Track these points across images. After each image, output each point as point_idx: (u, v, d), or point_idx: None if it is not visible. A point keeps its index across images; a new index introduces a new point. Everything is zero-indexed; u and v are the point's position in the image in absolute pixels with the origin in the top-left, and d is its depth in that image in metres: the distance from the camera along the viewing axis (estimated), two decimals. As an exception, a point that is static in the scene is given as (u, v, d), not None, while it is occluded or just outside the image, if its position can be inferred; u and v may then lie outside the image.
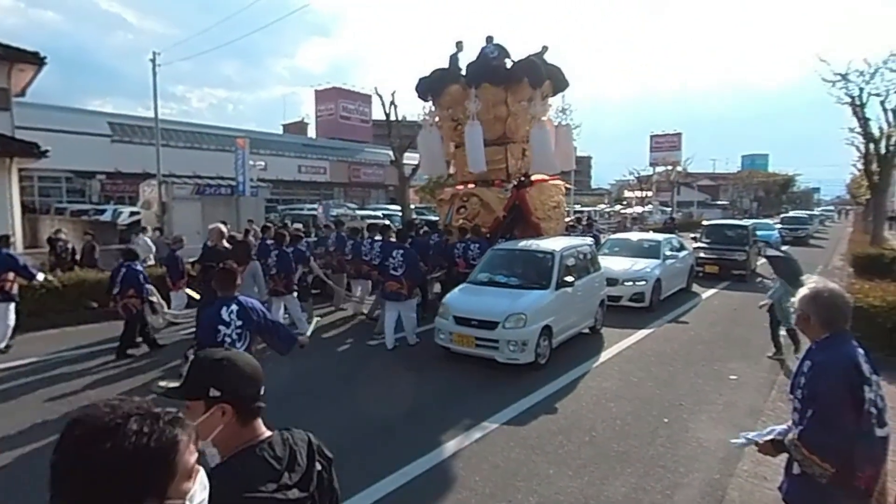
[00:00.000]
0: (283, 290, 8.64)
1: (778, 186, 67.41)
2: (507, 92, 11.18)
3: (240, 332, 3.89)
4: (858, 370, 2.28)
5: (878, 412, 2.27)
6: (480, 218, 10.89)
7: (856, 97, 16.87)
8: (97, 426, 0.93)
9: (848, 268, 14.84)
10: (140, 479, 0.92)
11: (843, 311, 2.38)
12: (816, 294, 2.40)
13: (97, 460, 0.90)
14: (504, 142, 11.48)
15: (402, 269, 8.18)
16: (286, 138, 46.23)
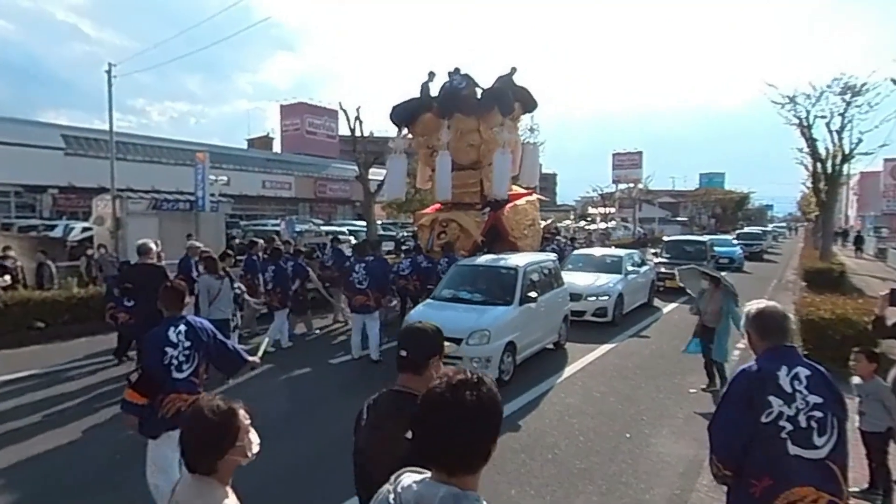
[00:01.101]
0: (277, 304, 8.94)
1: (734, 204, 69.88)
2: (479, 120, 11.51)
3: (188, 354, 3.70)
4: (764, 382, 2.28)
5: (797, 429, 2.21)
6: (460, 242, 11.15)
7: (803, 119, 17.71)
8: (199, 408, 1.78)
9: (800, 281, 15.40)
10: (224, 436, 1.74)
11: (776, 327, 2.41)
12: (755, 313, 2.47)
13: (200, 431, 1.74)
14: (478, 166, 11.78)
15: (367, 281, 8.27)
16: (250, 153, 45.54)
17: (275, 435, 5.66)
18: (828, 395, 2.25)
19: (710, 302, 6.99)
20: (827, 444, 2.21)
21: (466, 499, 1.21)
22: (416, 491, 1.26)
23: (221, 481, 1.75)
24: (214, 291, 7.21)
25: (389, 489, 1.32)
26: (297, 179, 43.30)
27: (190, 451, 1.73)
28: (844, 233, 40.88)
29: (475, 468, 1.27)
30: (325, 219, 39.25)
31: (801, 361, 2.36)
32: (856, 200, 51.49)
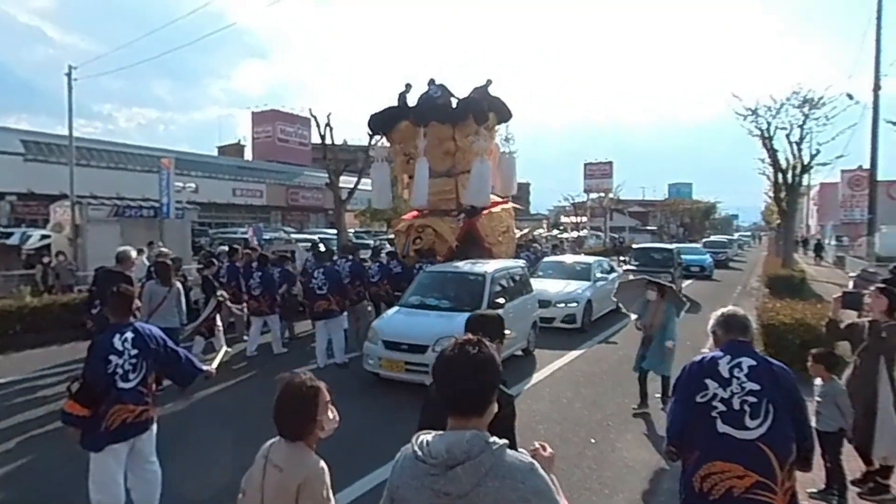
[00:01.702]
0: (266, 309, 9.03)
1: (701, 213, 71.58)
2: (454, 128, 11.79)
3: (135, 363, 3.54)
4: (704, 367, 2.54)
5: (729, 411, 2.40)
6: (436, 247, 11.29)
7: (765, 130, 18.20)
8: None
9: (763, 288, 15.77)
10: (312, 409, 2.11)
11: (738, 325, 2.65)
12: (721, 315, 2.74)
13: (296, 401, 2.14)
14: (453, 173, 12.03)
15: (326, 286, 8.31)
16: (220, 160, 44.79)
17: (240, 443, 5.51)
18: (767, 384, 2.41)
19: (655, 314, 6.59)
20: (759, 428, 2.36)
21: (483, 437, 1.53)
22: (443, 439, 1.55)
23: (308, 445, 2.10)
24: (158, 299, 6.94)
25: (412, 447, 1.62)
26: (269, 187, 42.72)
27: (283, 419, 2.09)
28: (805, 241, 42.23)
29: (481, 411, 1.58)
30: (297, 227, 38.75)
31: (750, 353, 2.53)
32: (816, 210, 53.26)
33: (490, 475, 1.48)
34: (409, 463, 1.60)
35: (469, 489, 1.47)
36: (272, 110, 52.63)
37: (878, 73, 17.28)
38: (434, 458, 1.53)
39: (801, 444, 2.43)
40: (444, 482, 1.50)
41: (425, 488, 1.54)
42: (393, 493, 1.65)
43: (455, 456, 1.49)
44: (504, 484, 1.48)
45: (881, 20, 17.38)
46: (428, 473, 1.53)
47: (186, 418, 6.31)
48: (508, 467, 1.51)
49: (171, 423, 5.95)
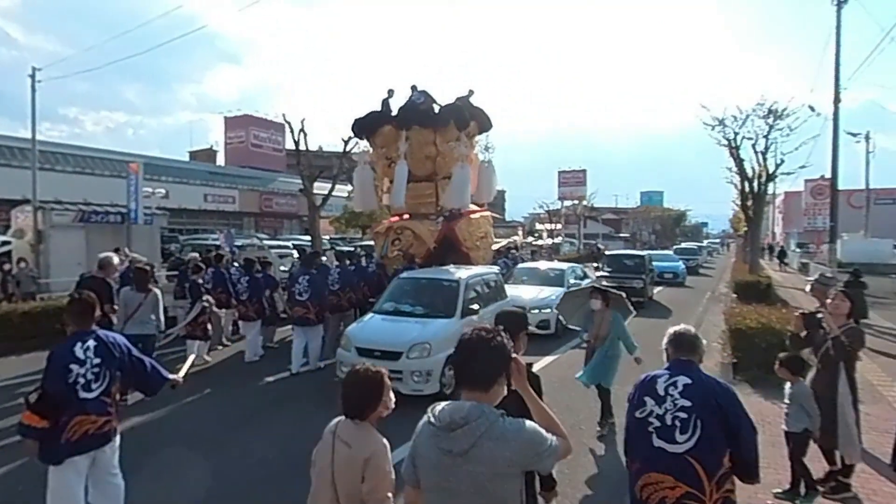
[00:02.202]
0: (253, 315, 9.15)
1: (672, 221, 73.22)
2: (435, 133, 12.09)
3: (97, 372, 3.43)
4: (646, 385, 2.73)
5: (663, 426, 2.58)
6: (414, 249, 11.48)
7: (731, 140, 18.71)
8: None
9: (731, 293, 16.16)
10: (378, 392, 2.44)
11: (683, 343, 2.79)
12: (672, 334, 2.87)
13: None
14: (433, 178, 12.32)
15: (308, 293, 8.40)
16: (192, 165, 43.94)
17: (215, 448, 5.39)
18: (698, 401, 2.55)
19: (601, 324, 6.21)
20: (687, 442, 2.53)
21: (482, 408, 1.85)
22: (449, 407, 1.92)
23: (371, 424, 2.40)
24: (133, 306, 6.81)
25: (428, 415, 1.97)
26: (242, 193, 42.04)
27: (352, 402, 2.41)
28: (770, 248, 43.48)
29: (486, 388, 1.90)
30: (270, 233, 38.24)
31: (688, 372, 2.66)
32: (781, 218, 54.91)
33: (485, 437, 1.81)
34: (424, 427, 1.98)
35: (467, 448, 1.81)
36: (245, 115, 51.99)
37: (838, 87, 17.95)
38: (440, 422, 1.89)
39: (737, 457, 2.54)
40: (447, 442, 1.85)
41: (434, 447, 1.90)
42: (414, 452, 2.02)
43: (456, 421, 1.85)
44: (497, 444, 1.81)
45: (840, 36, 18.09)
46: (436, 434, 1.90)
47: (153, 429, 6.15)
48: (501, 430, 1.83)
49: (136, 434, 5.79)
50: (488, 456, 1.81)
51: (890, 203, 42.44)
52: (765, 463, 5.06)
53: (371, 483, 2.27)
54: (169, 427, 6.25)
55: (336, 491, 2.33)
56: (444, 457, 1.86)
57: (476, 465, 1.83)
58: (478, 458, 1.81)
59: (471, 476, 1.85)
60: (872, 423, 5.53)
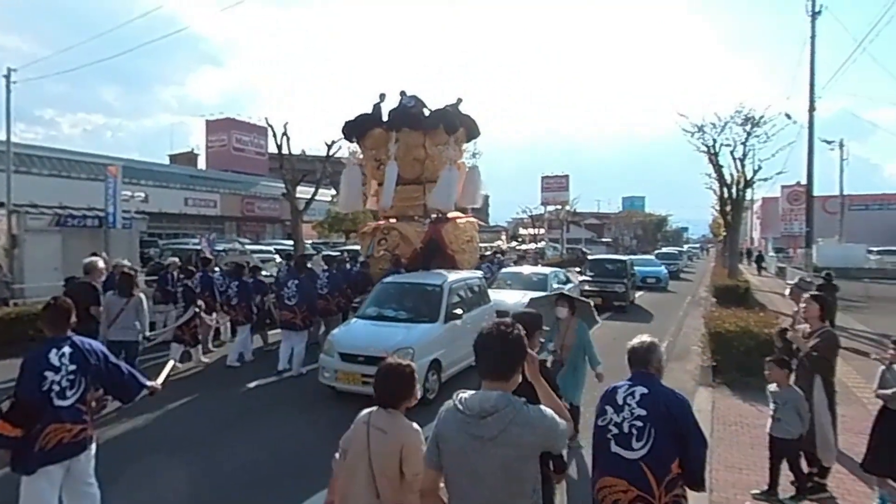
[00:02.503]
0: (242, 319, 9.17)
1: (653, 226, 74.07)
2: (425, 136, 12.15)
3: (72, 379, 3.36)
4: (608, 394, 2.86)
5: (620, 433, 2.73)
6: (400, 249, 11.55)
7: (710, 147, 19.02)
8: None
9: (711, 298, 16.40)
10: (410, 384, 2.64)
11: (637, 358, 2.90)
12: (629, 348, 2.96)
13: None
14: (422, 181, 12.41)
15: (296, 298, 8.50)
16: (172, 169, 43.39)
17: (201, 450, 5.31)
18: (653, 411, 2.69)
19: (566, 333, 5.80)
20: (642, 449, 2.67)
21: (508, 397, 2.06)
22: (475, 397, 2.10)
23: (401, 413, 2.59)
24: (115, 311, 6.76)
25: (454, 402, 2.15)
26: (224, 197, 41.59)
27: (386, 393, 2.59)
28: (748, 252, 44.24)
29: (507, 377, 2.12)
30: (252, 238, 37.86)
31: (646, 383, 2.81)
32: (759, 223, 55.94)
33: (513, 423, 2.02)
34: (450, 415, 2.15)
35: (497, 433, 2.02)
36: (227, 119, 51.50)
37: (813, 96, 18.41)
38: (470, 410, 2.07)
39: (685, 464, 2.68)
40: (478, 428, 2.04)
41: (463, 432, 2.07)
42: (438, 437, 2.17)
43: (486, 409, 2.04)
44: (524, 430, 2.03)
45: (815, 47, 18.56)
46: (465, 421, 2.07)
47: (132, 435, 6.04)
48: (527, 417, 2.05)
49: (116, 441, 5.69)
50: (516, 440, 2.02)
51: (863, 209, 43.51)
52: (743, 464, 5.17)
53: (414, 467, 2.42)
54: (147, 433, 6.14)
55: (373, 474, 2.49)
56: (473, 441, 2.05)
57: (504, 449, 2.03)
58: (506, 442, 2.02)
59: (499, 458, 2.04)
60: (847, 425, 5.64)
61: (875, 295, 19.95)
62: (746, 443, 5.68)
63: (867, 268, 30.21)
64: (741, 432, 6.03)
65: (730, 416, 6.54)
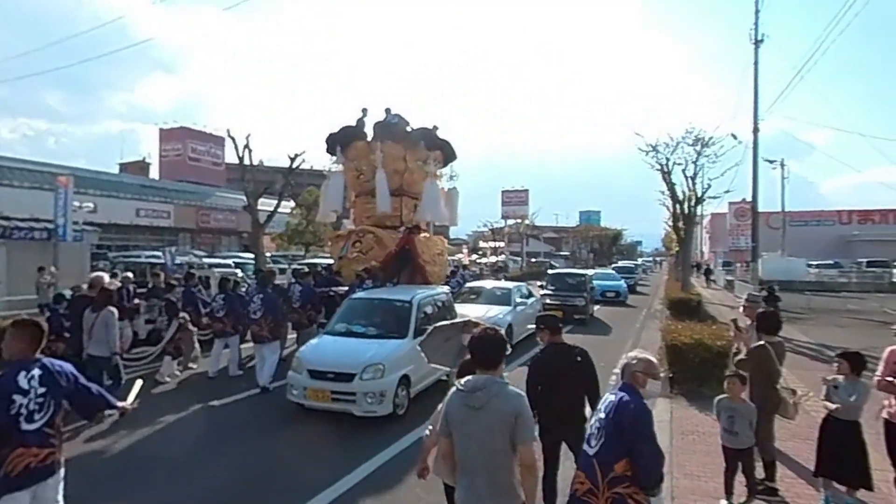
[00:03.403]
0: (230, 330, 9.26)
1: (609, 239, 76.08)
2: (406, 150, 13.09)
3: (41, 402, 3.26)
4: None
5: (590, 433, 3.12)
6: (374, 252, 12.19)
7: (664, 165, 19.85)
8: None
9: (666, 310, 17.02)
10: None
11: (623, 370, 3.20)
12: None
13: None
14: (400, 193, 13.18)
15: (261, 312, 8.62)
16: (122, 178, 41.88)
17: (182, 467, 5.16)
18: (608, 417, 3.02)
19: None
20: (595, 447, 3.04)
21: (496, 380, 2.86)
22: (473, 379, 2.89)
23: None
24: (88, 326, 6.92)
25: (457, 385, 2.94)
26: (177, 208, 40.37)
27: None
28: (698, 266, 46.08)
29: (495, 366, 2.93)
30: (208, 250, 36.84)
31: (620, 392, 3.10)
32: (708, 238, 58.35)
33: (495, 397, 2.79)
34: (454, 394, 2.94)
35: (484, 403, 2.78)
36: (182, 128, 50.22)
37: (757, 118, 19.55)
38: (466, 388, 2.87)
39: (633, 467, 2.94)
40: (470, 400, 2.82)
41: (461, 404, 2.86)
42: (446, 412, 2.94)
43: (477, 386, 2.84)
44: (503, 402, 2.78)
45: (758, 72, 19.74)
46: (463, 395, 2.87)
47: (101, 457, 5.83)
48: (507, 393, 2.82)
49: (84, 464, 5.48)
50: (496, 409, 2.77)
51: (802, 225, 46.10)
52: (701, 472, 5.42)
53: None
54: (118, 454, 5.96)
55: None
56: (468, 410, 2.82)
57: (488, 415, 2.77)
58: (489, 410, 2.77)
59: (484, 422, 2.79)
60: (795, 432, 5.99)
61: (815, 307, 21.16)
62: (703, 451, 5.96)
63: (808, 281, 31.99)
64: (698, 441, 6.32)
65: (687, 425, 6.84)
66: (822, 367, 8.53)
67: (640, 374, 3.10)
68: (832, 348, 9.86)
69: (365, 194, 13.24)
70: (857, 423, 4.47)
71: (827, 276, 34.38)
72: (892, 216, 46.15)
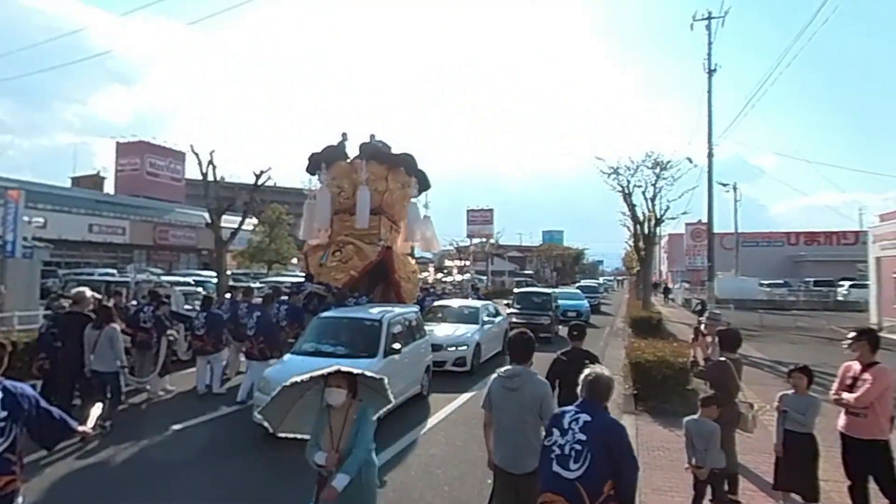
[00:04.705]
0: (210, 349, 9.34)
1: (572, 259, 77.54)
2: (388, 172, 13.86)
3: (2, 427, 3.11)
4: (556, 417, 3.27)
5: (562, 454, 3.07)
6: (353, 262, 12.61)
7: (625, 187, 20.55)
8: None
9: (628, 328, 17.42)
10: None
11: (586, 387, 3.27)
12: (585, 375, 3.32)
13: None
14: (379, 212, 13.63)
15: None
16: (75, 192, 40.52)
17: None
18: (592, 437, 3.04)
19: (344, 429, 3.54)
20: (578, 470, 3.00)
21: (527, 370, 3.89)
22: (513, 369, 3.89)
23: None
24: (91, 343, 7.00)
25: (497, 372, 3.98)
26: (133, 224, 39.17)
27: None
28: (657, 284, 47.46)
29: (527, 360, 3.95)
30: (164, 267, 35.78)
31: (590, 411, 3.14)
32: (666, 257, 60.20)
33: (528, 381, 3.79)
34: (496, 379, 3.94)
35: (519, 386, 3.75)
36: (141, 142, 48.96)
37: (711, 143, 20.48)
38: (505, 374, 3.88)
39: (617, 486, 3.01)
40: (508, 383, 3.80)
41: (500, 386, 3.85)
42: (489, 391, 3.94)
43: (514, 373, 3.85)
44: (535, 386, 3.79)
45: (711, 99, 20.74)
46: (502, 379, 3.87)
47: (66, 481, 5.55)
48: (536, 381, 3.85)
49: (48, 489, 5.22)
50: (528, 391, 3.74)
51: (754, 245, 48.17)
52: (667, 486, 5.56)
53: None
54: (80, 477, 5.69)
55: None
56: (506, 391, 3.79)
57: (522, 395, 3.73)
58: (523, 391, 3.73)
59: (519, 401, 3.75)
60: (753, 446, 6.20)
61: (767, 324, 22.05)
62: (668, 466, 6.11)
63: (760, 299, 33.34)
64: (663, 456, 6.48)
65: (652, 441, 7.01)
66: (778, 382, 8.89)
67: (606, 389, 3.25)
68: (785, 364, 10.28)
69: (344, 212, 13.74)
70: (811, 436, 4.68)
71: (777, 294, 35.97)
72: (836, 238, 48.72)
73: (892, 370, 4.52)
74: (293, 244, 38.48)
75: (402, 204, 14.59)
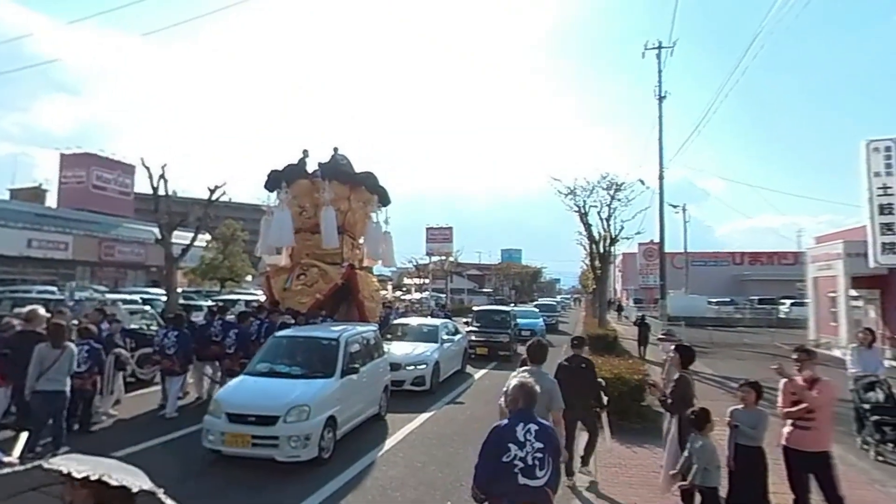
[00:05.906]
0: (178, 369, 9.10)
1: (530, 277, 78.56)
2: (350, 191, 13.96)
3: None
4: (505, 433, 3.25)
5: (526, 466, 3.14)
6: (318, 285, 12.61)
7: (581, 207, 21.00)
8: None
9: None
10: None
11: (514, 398, 3.45)
12: (518, 386, 3.49)
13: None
14: (342, 231, 13.63)
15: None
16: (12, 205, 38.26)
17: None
18: (546, 443, 3.23)
19: None
20: (544, 476, 3.18)
21: (541, 370, 4.99)
22: (529, 369, 4.83)
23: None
24: (48, 362, 6.55)
25: (517, 374, 4.34)
26: (77, 239, 37.24)
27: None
28: (611, 302, 48.60)
29: (542, 362, 5.12)
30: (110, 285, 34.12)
31: (533, 420, 3.33)
32: (620, 276, 61.78)
33: (541, 378, 4.43)
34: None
35: (535, 381, 3.67)
36: (87, 153, 46.87)
37: (662, 166, 21.20)
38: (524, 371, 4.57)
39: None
40: (526, 377, 3.72)
41: (519, 381, 3.59)
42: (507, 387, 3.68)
43: (532, 372, 4.56)
44: (544, 381, 4.55)
45: (662, 124, 21.58)
46: (521, 375, 3.96)
47: None
48: (547, 379, 4.75)
49: None
50: (541, 385, 3.97)
51: (702, 265, 50.06)
52: (628, 502, 5.58)
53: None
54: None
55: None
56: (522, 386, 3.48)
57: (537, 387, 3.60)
58: (538, 384, 3.70)
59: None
60: (706, 460, 6.34)
61: (717, 341, 22.83)
62: (626, 482, 6.17)
63: (708, 317, 34.56)
64: (621, 473, 6.54)
65: (609, 458, 7.06)
66: (727, 398, 9.16)
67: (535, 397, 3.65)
68: (734, 380, 10.63)
69: (305, 230, 13.65)
70: (760, 449, 4.82)
71: (725, 312, 37.38)
72: (777, 258, 51.21)
73: (836, 384, 4.73)
74: (248, 261, 37.48)
75: (364, 222, 14.79)
